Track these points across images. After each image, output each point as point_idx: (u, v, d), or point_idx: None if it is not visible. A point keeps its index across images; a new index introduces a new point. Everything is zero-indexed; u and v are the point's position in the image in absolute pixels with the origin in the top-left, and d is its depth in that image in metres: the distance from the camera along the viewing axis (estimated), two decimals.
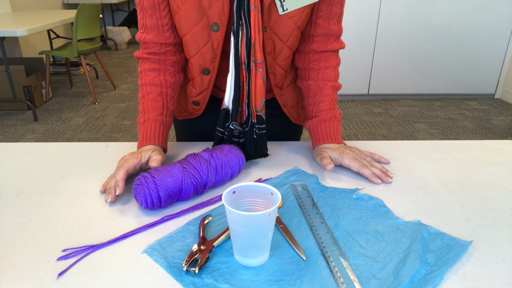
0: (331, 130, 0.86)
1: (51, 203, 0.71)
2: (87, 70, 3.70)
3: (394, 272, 0.55)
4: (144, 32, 0.84)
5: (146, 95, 0.85)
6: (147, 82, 0.86)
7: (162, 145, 0.83)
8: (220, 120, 0.84)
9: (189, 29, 0.80)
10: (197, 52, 0.83)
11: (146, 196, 0.67)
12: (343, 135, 3.03)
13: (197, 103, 0.93)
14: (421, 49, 3.67)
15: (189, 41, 0.82)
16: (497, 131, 3.13)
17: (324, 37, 0.88)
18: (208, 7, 0.76)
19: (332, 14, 0.85)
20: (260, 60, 0.77)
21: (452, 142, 0.96)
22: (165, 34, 0.84)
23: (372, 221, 0.66)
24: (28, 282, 0.54)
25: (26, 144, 0.94)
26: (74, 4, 5.57)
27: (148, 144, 0.81)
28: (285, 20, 0.80)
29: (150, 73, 0.86)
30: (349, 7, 3.50)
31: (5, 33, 2.85)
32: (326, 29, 0.87)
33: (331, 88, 0.89)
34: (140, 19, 0.84)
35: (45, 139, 2.98)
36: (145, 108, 0.85)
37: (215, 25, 0.78)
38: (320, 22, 0.86)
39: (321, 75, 0.89)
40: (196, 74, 0.88)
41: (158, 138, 0.83)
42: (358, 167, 0.80)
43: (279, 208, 0.70)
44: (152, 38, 0.84)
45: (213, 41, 0.81)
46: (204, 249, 0.58)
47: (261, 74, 0.78)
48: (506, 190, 0.76)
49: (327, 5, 0.84)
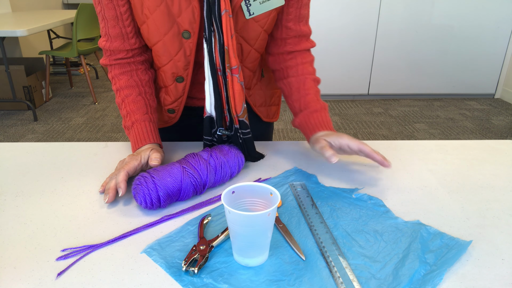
0: (323, 119, 0.85)
1: (50, 203, 0.71)
2: (87, 70, 3.70)
3: (394, 272, 0.55)
4: (108, 40, 0.83)
5: (126, 98, 0.84)
6: (123, 86, 0.85)
7: (157, 142, 0.83)
8: (206, 129, 0.82)
9: (159, 38, 0.79)
10: (170, 61, 0.82)
11: (145, 196, 0.67)
12: None
13: (173, 111, 0.92)
14: (421, 49, 3.67)
15: (160, 50, 0.81)
16: (497, 131, 3.13)
17: (296, 38, 0.88)
18: (178, 14, 0.75)
19: (301, 16, 0.86)
20: (236, 66, 0.75)
21: (452, 142, 0.96)
22: (130, 41, 0.83)
23: (371, 221, 0.66)
24: (27, 282, 0.54)
25: (26, 144, 0.94)
26: (74, 4, 5.57)
27: (144, 145, 0.81)
28: (252, 24, 0.79)
29: (122, 76, 0.86)
30: (349, 7, 3.50)
31: (5, 33, 2.85)
32: (298, 31, 0.87)
33: (312, 81, 0.89)
34: (103, 27, 0.82)
35: (45, 139, 2.98)
36: (129, 111, 0.83)
37: (186, 32, 0.77)
38: (290, 25, 0.86)
39: (300, 70, 0.89)
40: (169, 82, 0.87)
41: (151, 136, 0.82)
42: (358, 144, 0.76)
43: (278, 208, 0.70)
44: (117, 46, 0.83)
45: (185, 48, 0.80)
46: (203, 249, 0.58)
47: (238, 80, 0.76)
48: (505, 190, 0.76)
49: (296, 8, 0.84)
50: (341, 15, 3.52)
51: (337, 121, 3.30)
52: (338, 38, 3.59)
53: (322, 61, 3.66)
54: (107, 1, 0.77)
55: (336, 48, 3.63)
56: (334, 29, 3.55)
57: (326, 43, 3.60)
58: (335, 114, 3.46)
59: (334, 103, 3.73)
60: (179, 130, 1.00)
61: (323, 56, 3.64)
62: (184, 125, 0.99)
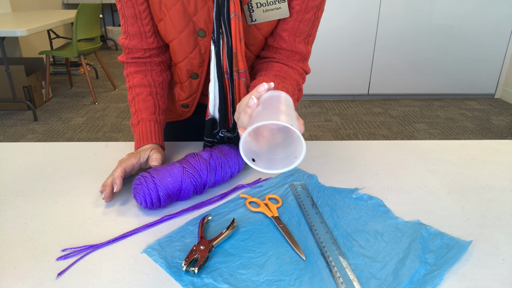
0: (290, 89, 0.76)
1: (50, 203, 0.71)
2: (87, 70, 3.70)
3: (394, 272, 0.55)
4: (127, 38, 0.83)
5: (136, 97, 0.84)
6: (135, 84, 0.85)
7: (159, 143, 0.82)
8: (207, 130, 0.82)
9: (175, 35, 0.79)
10: (185, 58, 0.82)
11: (145, 196, 0.67)
12: (343, 135, 3.03)
13: (187, 105, 0.93)
14: (421, 49, 3.67)
15: (176, 47, 0.81)
16: (497, 131, 3.13)
17: (288, 52, 0.82)
18: (194, 13, 0.75)
19: (300, 31, 0.79)
20: (243, 69, 0.75)
21: (452, 142, 0.96)
22: (148, 40, 0.83)
23: (371, 221, 0.66)
24: (27, 282, 0.54)
25: (26, 144, 0.94)
26: (74, 4, 5.57)
27: (146, 144, 0.80)
28: (254, 31, 0.79)
29: (137, 75, 0.86)
30: (349, 7, 3.50)
31: (5, 33, 2.85)
32: (291, 45, 0.81)
33: (295, 80, 0.81)
34: (122, 25, 0.83)
35: (45, 139, 2.98)
36: (137, 109, 0.84)
37: (202, 31, 0.77)
38: (285, 36, 0.80)
39: (285, 68, 0.82)
40: (184, 79, 0.87)
41: (154, 136, 0.82)
42: None
43: (278, 208, 0.70)
44: (135, 44, 0.83)
45: (200, 46, 0.80)
46: (204, 249, 0.58)
47: (245, 83, 0.76)
48: (506, 190, 0.76)
49: (295, 19, 0.78)
50: (341, 15, 3.52)
51: (337, 121, 3.30)
52: (338, 38, 3.59)
53: (322, 61, 3.66)
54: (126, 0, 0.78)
55: (336, 48, 3.63)
56: (334, 29, 3.55)
57: (326, 43, 3.60)
58: (335, 114, 3.46)
59: (334, 103, 3.73)
60: (196, 127, 1.00)
61: (323, 56, 3.64)
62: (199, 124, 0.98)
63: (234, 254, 0.59)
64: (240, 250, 0.60)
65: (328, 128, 3.15)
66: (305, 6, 0.77)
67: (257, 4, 0.75)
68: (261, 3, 0.75)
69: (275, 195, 0.73)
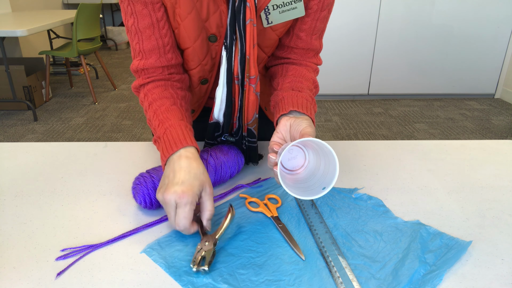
0: (308, 102, 0.73)
1: (50, 202, 0.71)
2: (87, 70, 3.70)
3: (393, 272, 0.55)
4: (142, 58, 0.74)
5: (158, 109, 0.72)
6: (156, 98, 0.74)
7: (194, 145, 0.67)
8: (209, 133, 0.82)
9: (189, 44, 0.76)
10: (198, 65, 0.80)
11: (145, 196, 0.67)
12: (343, 135, 3.03)
13: (192, 110, 0.92)
14: (421, 49, 3.67)
15: (189, 56, 0.78)
16: (497, 131, 3.13)
17: (304, 51, 0.83)
18: (206, 18, 0.73)
19: (316, 29, 0.81)
20: (254, 75, 0.74)
21: (451, 142, 0.96)
22: (167, 55, 0.75)
23: (371, 221, 0.66)
24: (26, 282, 0.54)
25: (26, 144, 0.94)
26: (74, 4, 5.57)
27: (179, 148, 0.65)
28: (269, 32, 0.78)
29: (156, 90, 0.75)
30: (349, 7, 3.50)
31: (5, 33, 2.85)
32: (308, 43, 0.82)
33: (311, 79, 0.81)
34: (136, 44, 0.74)
35: (45, 139, 2.98)
36: (162, 119, 0.70)
37: (213, 36, 0.75)
38: (302, 35, 0.81)
39: (299, 68, 0.82)
40: (195, 85, 0.85)
41: (188, 138, 0.67)
42: None
43: (278, 208, 0.70)
44: (153, 62, 0.74)
45: (211, 51, 0.78)
46: (209, 244, 0.58)
47: (254, 90, 0.75)
48: (505, 190, 0.76)
49: (312, 19, 0.79)
50: (341, 15, 3.51)
51: (337, 121, 3.30)
52: (338, 38, 3.59)
53: (322, 61, 3.66)
54: (142, 7, 0.70)
55: (336, 48, 3.63)
56: (334, 29, 3.55)
57: (326, 43, 3.58)
58: (335, 114, 3.45)
59: (334, 103, 3.73)
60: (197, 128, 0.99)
61: (323, 56, 3.63)
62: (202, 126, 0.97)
63: (233, 254, 0.59)
64: (240, 250, 0.60)
65: (328, 128, 3.15)
66: (321, 4, 0.78)
67: (273, 6, 0.74)
68: (277, 5, 0.74)
69: (275, 195, 0.73)
